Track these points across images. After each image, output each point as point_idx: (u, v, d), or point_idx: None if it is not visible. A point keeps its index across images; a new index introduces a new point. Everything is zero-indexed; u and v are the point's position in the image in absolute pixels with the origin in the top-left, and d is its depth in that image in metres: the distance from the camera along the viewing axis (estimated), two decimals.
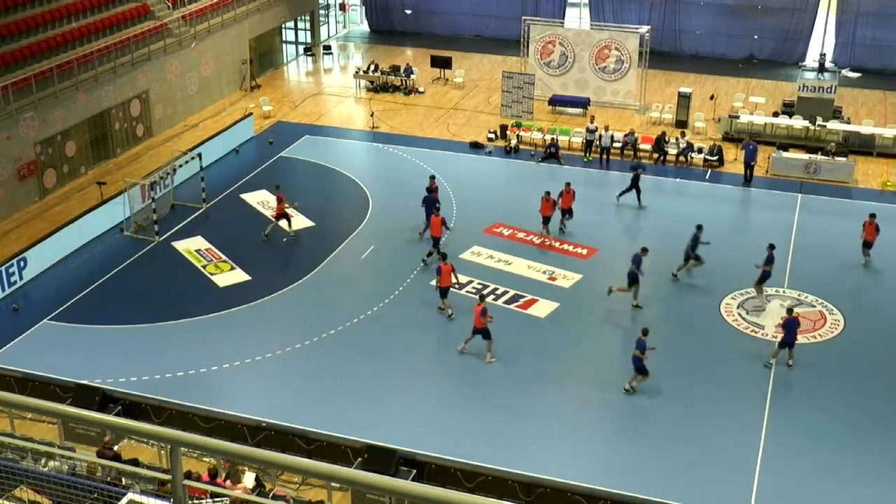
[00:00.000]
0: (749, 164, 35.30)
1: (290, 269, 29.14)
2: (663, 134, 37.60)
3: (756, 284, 27.40)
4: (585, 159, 37.22)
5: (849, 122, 39.61)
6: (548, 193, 30.53)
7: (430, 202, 30.40)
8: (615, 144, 37.31)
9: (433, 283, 27.49)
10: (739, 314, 26.84)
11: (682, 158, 37.00)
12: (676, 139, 37.56)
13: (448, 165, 36.13)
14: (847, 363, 24.62)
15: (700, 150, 37.38)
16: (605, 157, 37.04)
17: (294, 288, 28.01)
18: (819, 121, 38.55)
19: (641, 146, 37.60)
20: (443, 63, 46.23)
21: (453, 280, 26.39)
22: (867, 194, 34.63)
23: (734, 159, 36.98)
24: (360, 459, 20.62)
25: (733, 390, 23.50)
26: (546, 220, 30.57)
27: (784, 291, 27.91)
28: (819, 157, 36.22)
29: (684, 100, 40.65)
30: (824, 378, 24.06)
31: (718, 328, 26.24)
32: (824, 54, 42.40)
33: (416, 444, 21.10)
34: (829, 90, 39.95)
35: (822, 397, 23.37)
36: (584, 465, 21.03)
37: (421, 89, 44.89)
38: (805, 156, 36.54)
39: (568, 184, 31.43)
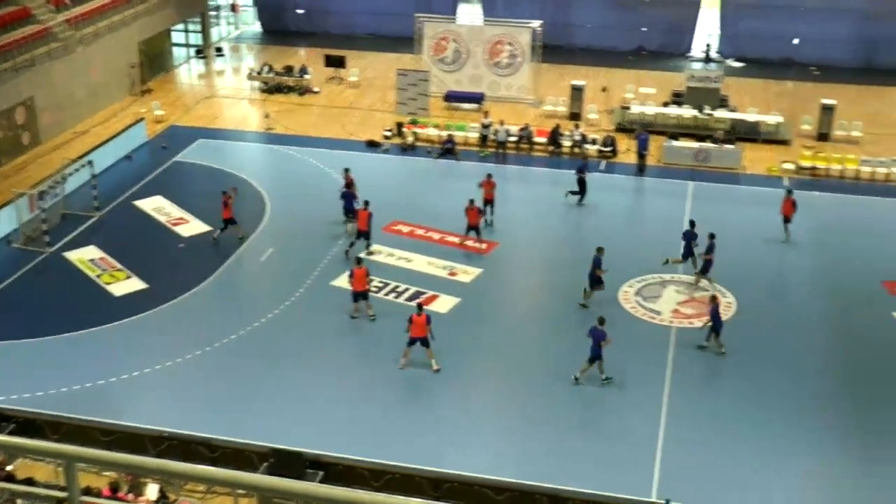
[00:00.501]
0: (642, 154, 36.12)
1: (187, 274, 28.65)
2: (557, 126, 38.17)
3: (698, 274, 27.90)
4: (482, 154, 37.51)
5: (735, 111, 40.77)
6: (471, 202, 29.93)
7: (349, 198, 30.65)
8: (511, 138, 37.69)
9: (335, 283, 27.45)
10: (637, 301, 27.37)
11: (576, 150, 37.56)
12: (571, 131, 38.13)
13: (345, 165, 35.96)
14: (742, 343, 25.23)
15: (594, 142, 38.03)
16: (501, 151, 37.39)
17: (193, 294, 27.59)
18: (707, 109, 39.58)
19: (537, 139, 38.09)
20: (337, 62, 46.03)
21: (368, 284, 26.31)
22: (754, 180, 35.69)
23: (627, 149, 37.71)
24: (265, 464, 20.44)
25: (632, 375, 23.93)
26: (474, 229, 29.78)
27: (679, 277, 28.54)
28: (708, 144, 37.19)
29: (577, 92, 41.32)
30: (720, 359, 24.66)
31: (616, 315, 26.70)
32: (710, 45, 43.50)
33: (323, 446, 21.00)
34: (715, 80, 41.05)
35: (718, 377, 23.99)
36: (491, 457, 21.20)
37: (316, 89, 44.64)
38: (695, 144, 37.48)
39: (489, 175, 31.67)
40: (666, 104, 41.38)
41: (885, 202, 33.89)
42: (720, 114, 39.74)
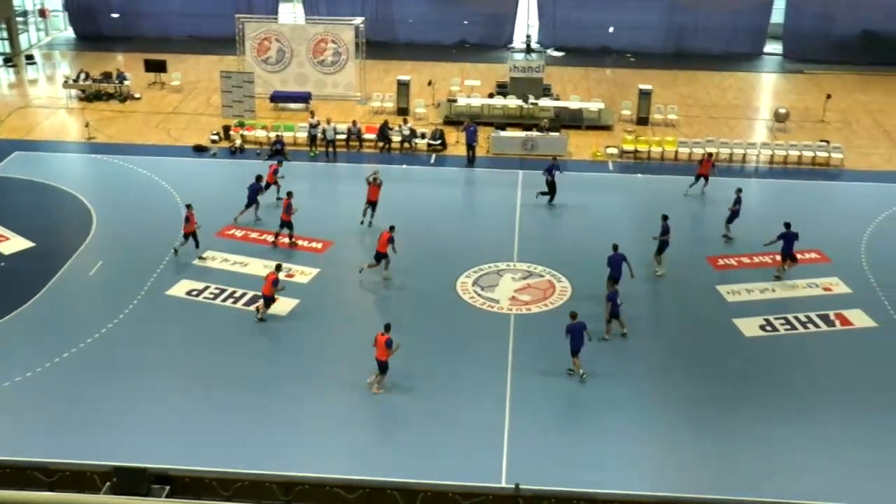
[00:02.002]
0: (471, 146, 36.67)
1: (11, 293, 27.40)
2: (386, 122, 38.33)
3: (655, 255, 28.44)
4: (311, 153, 37.32)
5: (558, 99, 41.92)
6: (392, 228, 28.15)
7: (254, 189, 31.11)
8: (339, 136, 37.62)
9: (170, 293, 26.87)
10: (475, 291, 27.78)
11: (406, 145, 37.86)
12: (399, 126, 38.37)
13: (172, 171, 35.21)
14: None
15: (423, 136, 38.39)
16: (330, 149, 37.30)
17: (19, 313, 26.41)
18: (531, 99, 40.50)
19: (366, 136, 38.16)
20: (157, 66, 44.96)
21: (277, 289, 25.99)
22: (580, 165, 36.77)
23: (456, 142, 38.22)
24: (108, 484, 19.82)
25: (476, 363, 24.28)
26: (384, 258, 28.06)
27: (514, 265, 29.13)
28: (534, 133, 38.07)
29: (403, 88, 41.62)
30: (558, 342, 25.19)
31: (456, 305, 27.06)
32: (530, 35, 44.48)
33: (168, 460, 20.50)
34: (537, 69, 42.05)
35: (558, 360, 24.48)
36: (341, 458, 21.15)
37: (137, 95, 43.44)
38: (521, 133, 38.30)
39: (376, 174, 31.73)
40: (491, 95, 42.16)
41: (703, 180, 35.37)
42: (544, 103, 40.77)
